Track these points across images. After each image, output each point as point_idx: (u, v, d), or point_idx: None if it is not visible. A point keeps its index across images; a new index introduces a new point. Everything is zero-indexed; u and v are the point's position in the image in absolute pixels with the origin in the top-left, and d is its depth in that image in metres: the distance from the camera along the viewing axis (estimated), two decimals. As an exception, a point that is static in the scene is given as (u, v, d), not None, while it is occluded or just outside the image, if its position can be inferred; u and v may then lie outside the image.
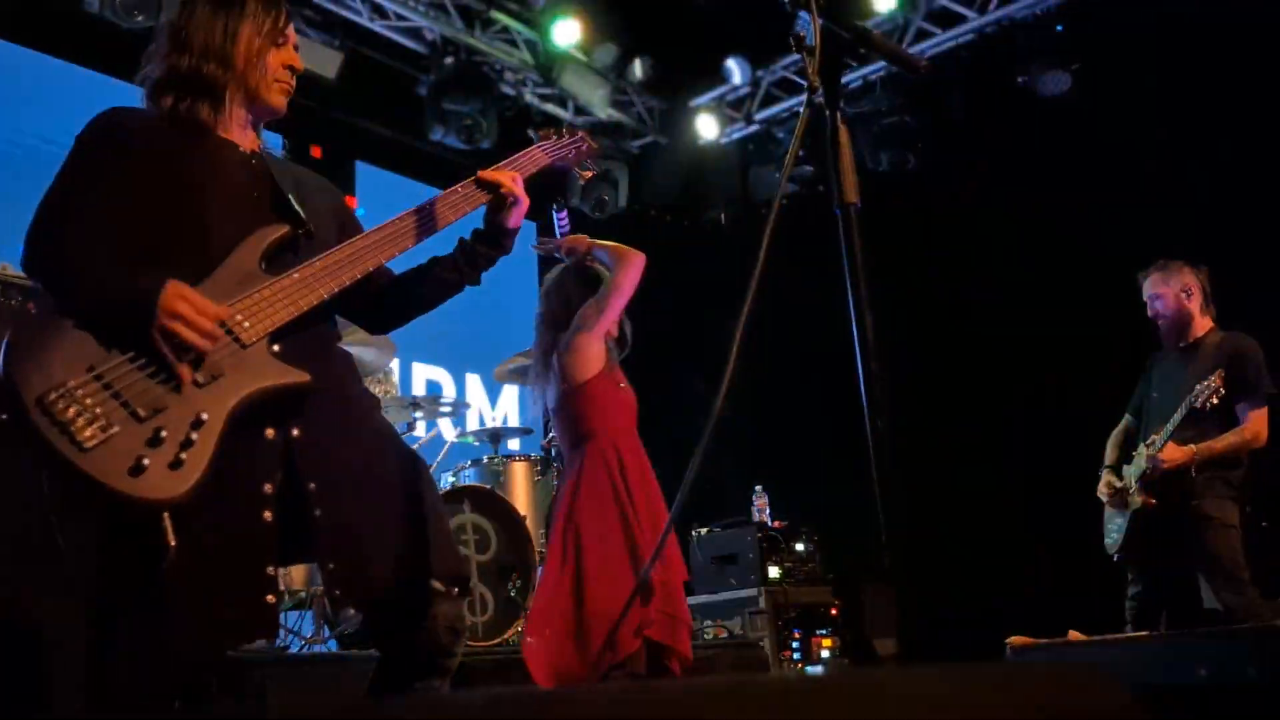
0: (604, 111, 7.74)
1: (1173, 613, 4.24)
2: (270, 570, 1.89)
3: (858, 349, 1.56)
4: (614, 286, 3.36)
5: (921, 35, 7.02)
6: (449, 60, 7.02)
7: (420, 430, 5.68)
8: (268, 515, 1.90)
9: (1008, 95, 6.83)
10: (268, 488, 1.92)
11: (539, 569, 4.88)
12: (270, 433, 1.95)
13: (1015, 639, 2.55)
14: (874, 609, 6.22)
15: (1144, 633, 3.29)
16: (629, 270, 3.40)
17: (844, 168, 1.58)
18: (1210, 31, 5.82)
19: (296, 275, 2.00)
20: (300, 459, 1.97)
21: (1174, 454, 4.20)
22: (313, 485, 1.97)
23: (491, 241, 2.36)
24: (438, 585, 2.03)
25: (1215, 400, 4.13)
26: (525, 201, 2.35)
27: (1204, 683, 2.12)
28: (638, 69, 7.69)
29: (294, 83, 2.25)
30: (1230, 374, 4.22)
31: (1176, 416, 4.23)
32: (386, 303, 2.39)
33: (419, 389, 7.37)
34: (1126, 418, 4.70)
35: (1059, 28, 6.40)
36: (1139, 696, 0.91)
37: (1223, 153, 5.81)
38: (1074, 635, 2.46)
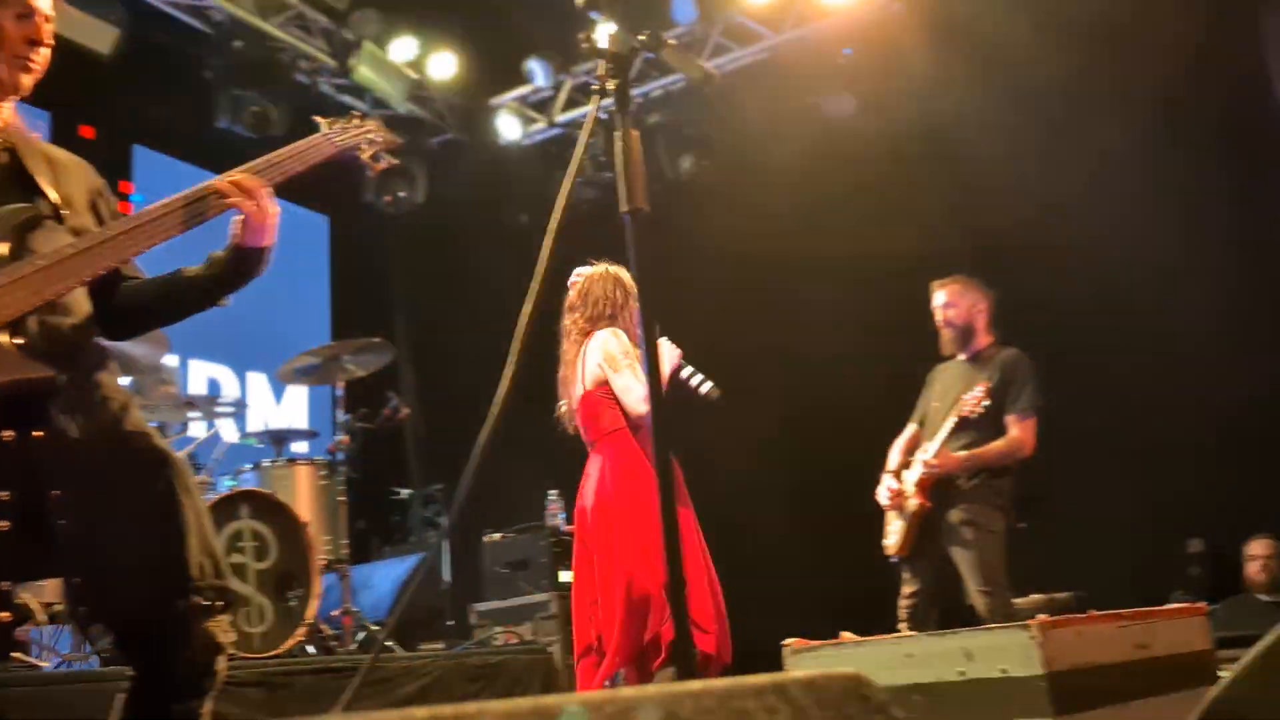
0: (402, 105, 7.55)
1: (944, 612, 4.48)
2: (2, 585, 1.72)
3: (645, 355, 1.55)
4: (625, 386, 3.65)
5: (719, 50, 7.19)
6: (238, 44, 6.67)
7: (199, 431, 5.36)
8: (2, 525, 1.73)
9: (800, 113, 7.11)
10: (4, 495, 1.75)
11: (321, 576, 4.72)
12: (8, 434, 1.77)
13: (791, 641, 2.63)
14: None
15: (911, 633, 3.47)
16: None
17: (632, 173, 1.57)
18: (984, 65, 6.23)
19: (42, 262, 1.83)
20: (43, 463, 1.81)
21: (945, 460, 4.43)
22: (56, 492, 1.81)
23: (238, 260, 2.12)
24: (195, 599, 1.89)
25: (980, 410, 4.39)
26: (269, 216, 2.11)
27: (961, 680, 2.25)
28: (438, 64, 7.56)
29: (39, 58, 2.06)
30: (1000, 386, 4.48)
31: (947, 425, 4.45)
32: (126, 306, 2.15)
33: (198, 387, 6.98)
34: (911, 425, 4.86)
35: (846, 51, 6.71)
36: (896, 696, 0.93)
37: (996, 179, 6.20)
38: (846, 636, 2.56)
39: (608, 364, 3.68)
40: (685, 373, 3.78)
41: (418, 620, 6.41)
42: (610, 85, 1.57)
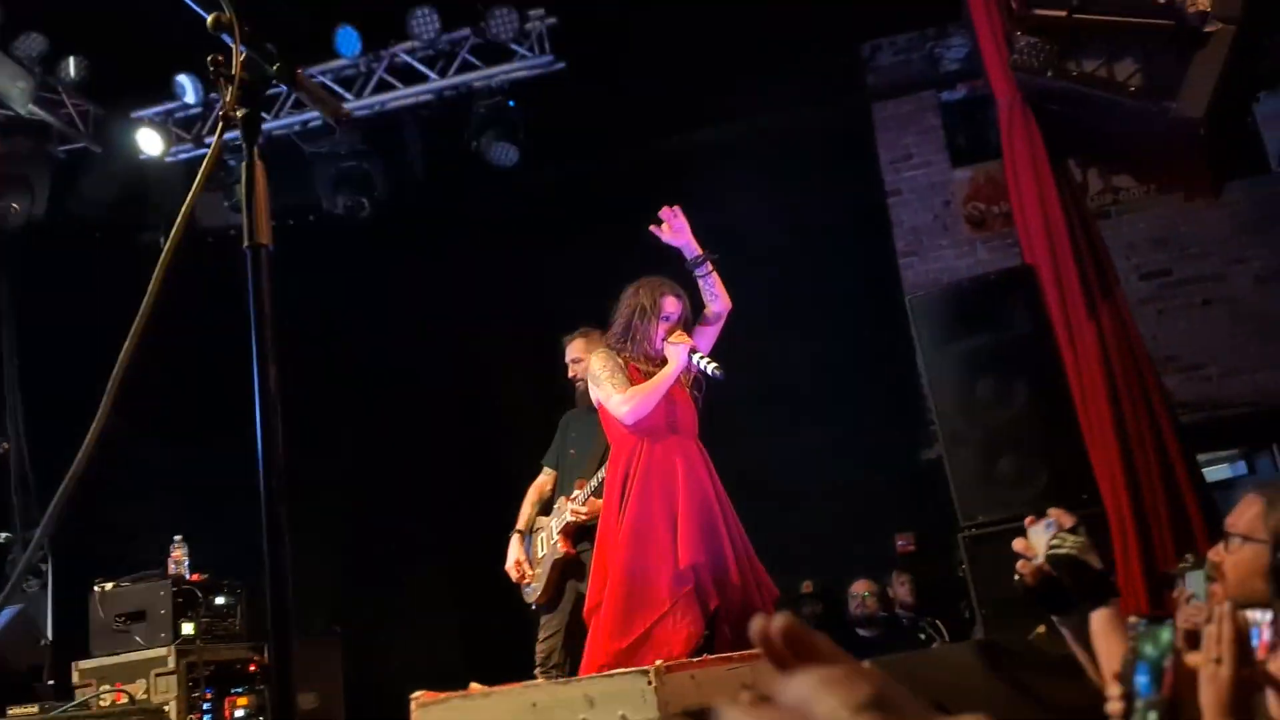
0: (24, 108, 6.81)
1: (576, 658, 4.57)
2: None
3: (258, 401, 1.47)
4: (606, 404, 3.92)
5: (384, 86, 7.08)
6: None
7: None
8: None
9: (463, 157, 7.15)
10: None
11: None
12: None
13: (420, 694, 2.57)
14: (298, 663, 5.98)
15: (539, 681, 3.52)
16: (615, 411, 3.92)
17: (257, 205, 1.49)
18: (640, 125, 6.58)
19: None
20: None
21: (594, 509, 4.54)
22: None
23: None
24: None
25: None
26: None
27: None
28: (70, 67, 6.90)
29: None
30: None
31: (601, 473, 4.54)
32: None
33: None
34: (546, 470, 4.96)
35: (510, 103, 6.83)
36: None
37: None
38: (475, 687, 2.53)
39: (593, 384, 3.99)
40: (694, 359, 3.92)
41: (9, 681, 5.69)
42: (238, 113, 1.49)
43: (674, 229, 4.07)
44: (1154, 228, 7.95)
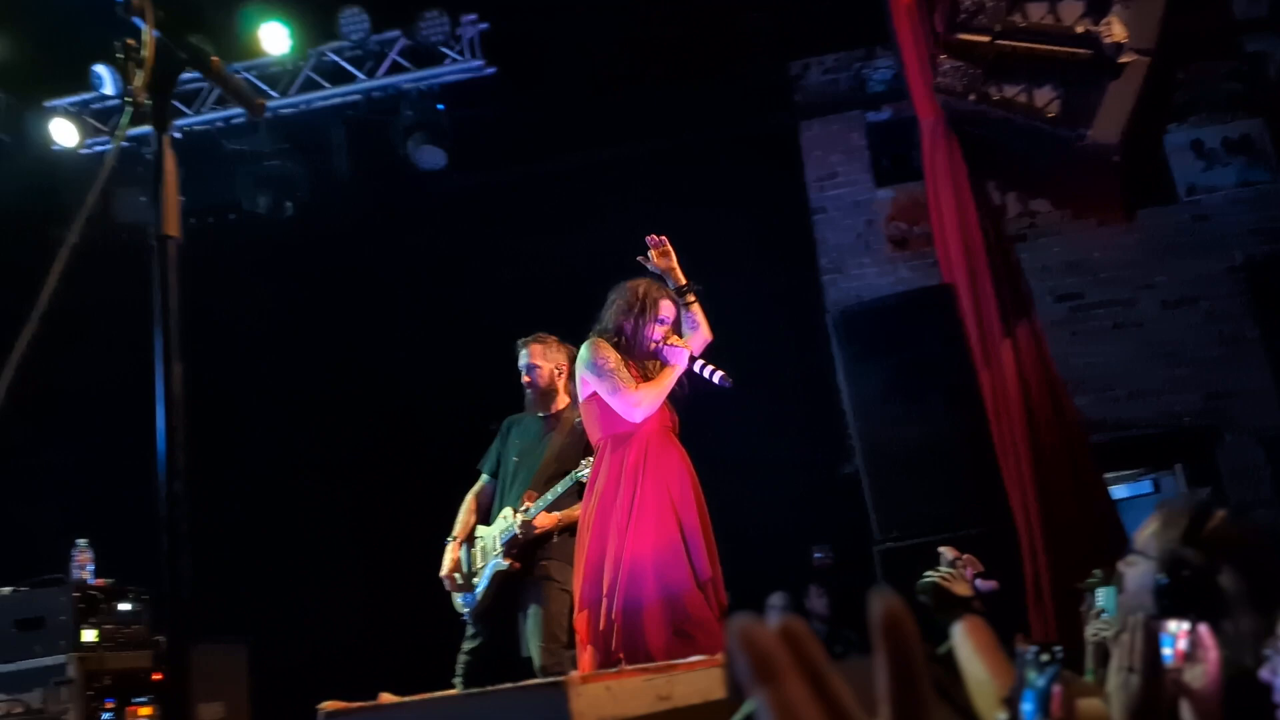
0: (-75, 92, 6.57)
1: (513, 666, 4.53)
2: None
3: (161, 400, 1.42)
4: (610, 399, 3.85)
5: (311, 85, 6.97)
6: None
7: None
8: None
9: (391, 159, 7.07)
10: None
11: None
12: None
13: (327, 704, 2.51)
14: (195, 673, 5.83)
15: (452, 691, 3.45)
16: (620, 407, 3.85)
17: (166, 197, 1.44)
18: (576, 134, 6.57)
19: None
20: None
21: (545, 521, 4.46)
22: None
23: None
24: None
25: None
26: None
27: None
28: (-21, 51, 6.67)
29: None
30: (579, 449, 4.58)
31: (559, 487, 4.45)
32: None
33: None
34: (485, 477, 4.82)
35: (440, 106, 6.77)
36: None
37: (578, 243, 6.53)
38: (385, 697, 2.48)
39: (595, 376, 3.88)
40: (698, 366, 3.90)
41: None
42: (146, 101, 1.44)
43: (660, 255, 4.08)
44: (1068, 252, 8.17)
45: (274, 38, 6.68)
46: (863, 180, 8.62)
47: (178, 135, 7.12)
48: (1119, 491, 7.63)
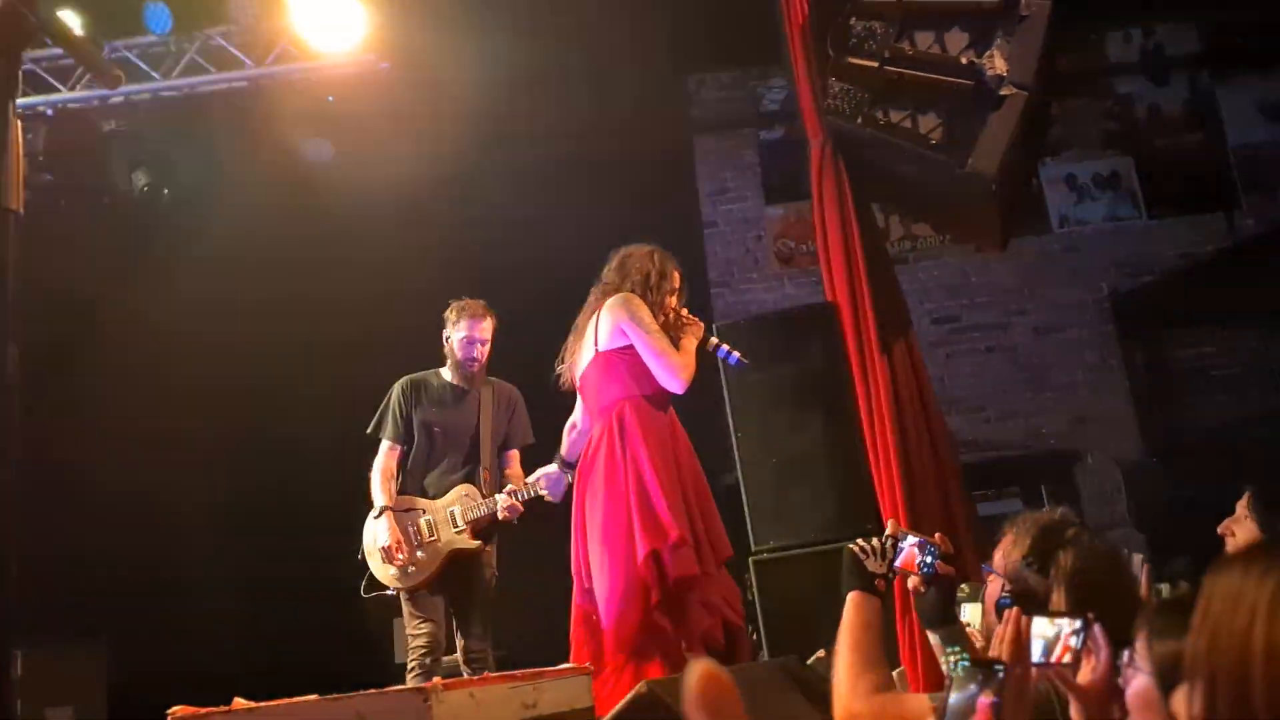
0: None
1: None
2: None
3: (-5, 381, 1.33)
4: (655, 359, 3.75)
5: (195, 69, 6.73)
6: None
7: None
8: None
9: (276, 148, 6.89)
10: None
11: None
12: None
13: (177, 709, 2.41)
14: (44, 676, 5.57)
15: (310, 697, 3.35)
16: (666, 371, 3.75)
17: (9, 167, 1.36)
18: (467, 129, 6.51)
19: None
20: None
21: (514, 504, 4.49)
22: None
23: None
24: None
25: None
26: None
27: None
28: None
29: None
30: (511, 421, 4.71)
31: (541, 476, 4.42)
32: None
33: None
34: (387, 443, 4.67)
35: (329, 99, 6.62)
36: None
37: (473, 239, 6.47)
38: (238, 702, 2.39)
39: (638, 331, 3.73)
40: (710, 344, 3.88)
41: None
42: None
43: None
44: (947, 275, 8.42)
45: (156, 17, 6.43)
46: (753, 197, 8.74)
47: (49, 112, 6.81)
48: (993, 509, 7.87)
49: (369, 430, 4.72)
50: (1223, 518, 3.15)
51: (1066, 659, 1.66)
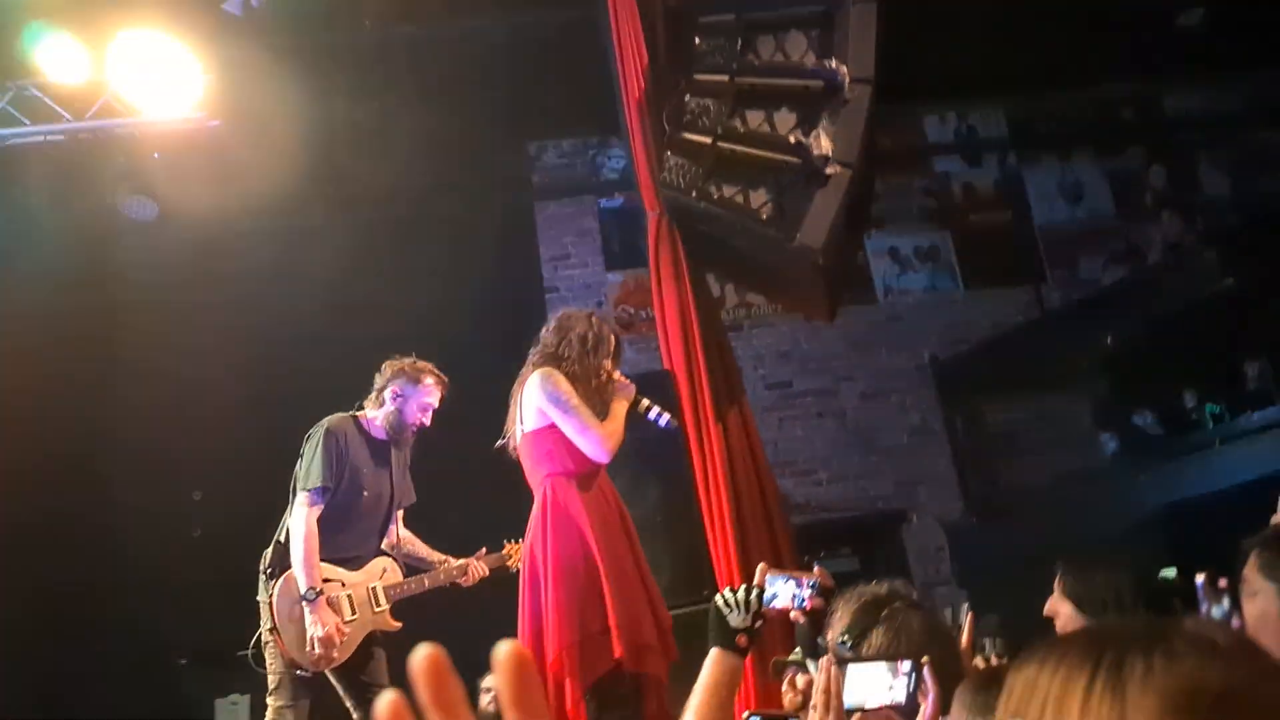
0: None
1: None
2: None
3: None
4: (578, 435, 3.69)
5: (6, 120, 6.39)
6: None
7: None
8: None
9: (97, 207, 6.61)
10: None
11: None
12: None
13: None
14: None
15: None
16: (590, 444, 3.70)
17: None
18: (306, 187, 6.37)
19: None
20: None
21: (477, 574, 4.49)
22: None
23: None
24: None
25: None
26: None
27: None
28: None
29: None
30: (406, 480, 4.55)
31: (507, 550, 4.51)
32: None
33: None
34: (320, 504, 4.12)
35: (155, 155, 6.40)
36: None
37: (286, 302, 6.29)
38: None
39: (556, 409, 3.68)
40: (642, 406, 3.86)
41: None
42: None
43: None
44: (780, 342, 8.70)
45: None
46: (594, 263, 8.85)
47: None
48: (827, 568, 8.07)
49: (298, 481, 4.16)
50: (1033, 575, 3.32)
51: (896, 699, 1.75)
